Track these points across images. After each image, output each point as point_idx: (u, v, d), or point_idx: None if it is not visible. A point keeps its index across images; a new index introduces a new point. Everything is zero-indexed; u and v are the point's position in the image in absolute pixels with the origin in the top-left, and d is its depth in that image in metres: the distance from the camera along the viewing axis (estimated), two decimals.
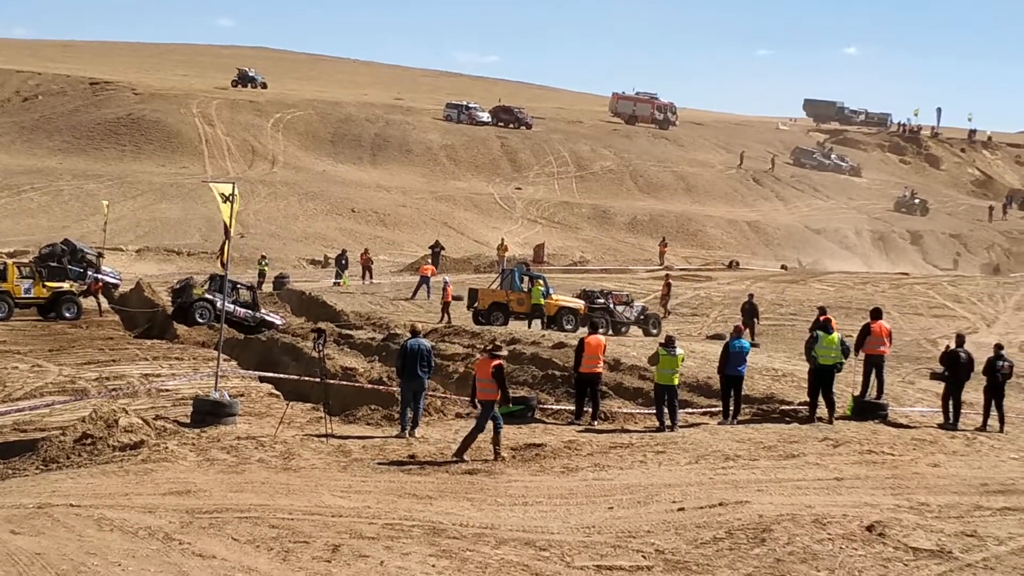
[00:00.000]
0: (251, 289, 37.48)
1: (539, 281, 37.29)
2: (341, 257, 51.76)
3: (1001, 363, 20.13)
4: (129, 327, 35.53)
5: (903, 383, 25.47)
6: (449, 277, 42.88)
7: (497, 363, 16.45)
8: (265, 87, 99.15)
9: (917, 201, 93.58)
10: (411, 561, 11.22)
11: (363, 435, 17.50)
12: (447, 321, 36.84)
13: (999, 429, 19.83)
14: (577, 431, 18.34)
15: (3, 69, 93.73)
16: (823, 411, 19.67)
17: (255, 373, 25.15)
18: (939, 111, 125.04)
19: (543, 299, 36.43)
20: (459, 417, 19.63)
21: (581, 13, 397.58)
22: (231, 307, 33.57)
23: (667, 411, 18.71)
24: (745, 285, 46.63)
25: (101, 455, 15.71)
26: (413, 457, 16.06)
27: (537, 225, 75.47)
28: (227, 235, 18.59)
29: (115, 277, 42.93)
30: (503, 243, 58.96)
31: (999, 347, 21.00)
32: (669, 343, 19.11)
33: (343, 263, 51.10)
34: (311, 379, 21.58)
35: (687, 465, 16.02)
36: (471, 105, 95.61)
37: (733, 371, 19.48)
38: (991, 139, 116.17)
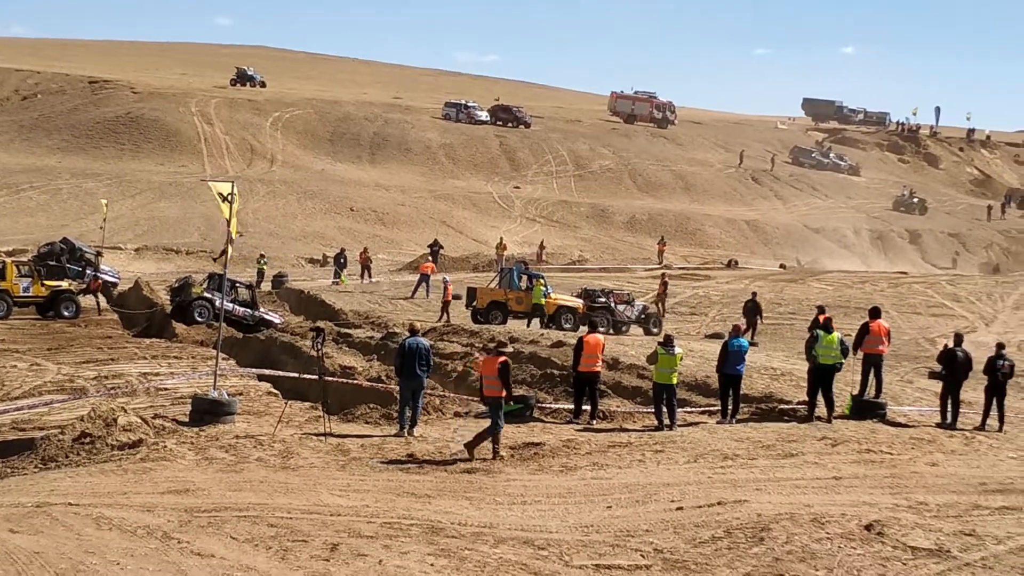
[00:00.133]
0: (250, 288, 37.50)
1: (540, 280, 37.31)
2: (339, 256, 51.79)
3: (1002, 362, 20.10)
4: (128, 326, 35.53)
5: (902, 382, 25.46)
6: (449, 276, 42.88)
7: (503, 360, 16.54)
8: (264, 86, 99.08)
9: (916, 200, 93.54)
10: (410, 560, 11.21)
11: (362, 434, 17.49)
12: (446, 320, 36.84)
13: (998, 428, 19.81)
14: (576, 430, 18.32)
15: (2, 68, 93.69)
16: (822, 410, 19.66)
17: (254, 371, 25.13)
18: (938, 110, 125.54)
19: (544, 299, 36.45)
20: (458, 416, 19.62)
21: (580, 12, 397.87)
22: (230, 306, 33.60)
23: (666, 410, 18.71)
24: (744, 284, 46.65)
25: (100, 454, 15.70)
26: (412, 456, 16.05)
27: (536, 224, 75.42)
28: (229, 237, 18.59)
29: (114, 276, 42.91)
30: (501, 242, 58.97)
31: (1000, 346, 20.96)
32: (668, 342, 19.11)
33: (341, 262, 51.13)
34: (310, 376, 21.55)
35: (686, 464, 16.01)
36: (470, 104, 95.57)
37: (732, 370, 19.48)
38: (990, 138, 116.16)
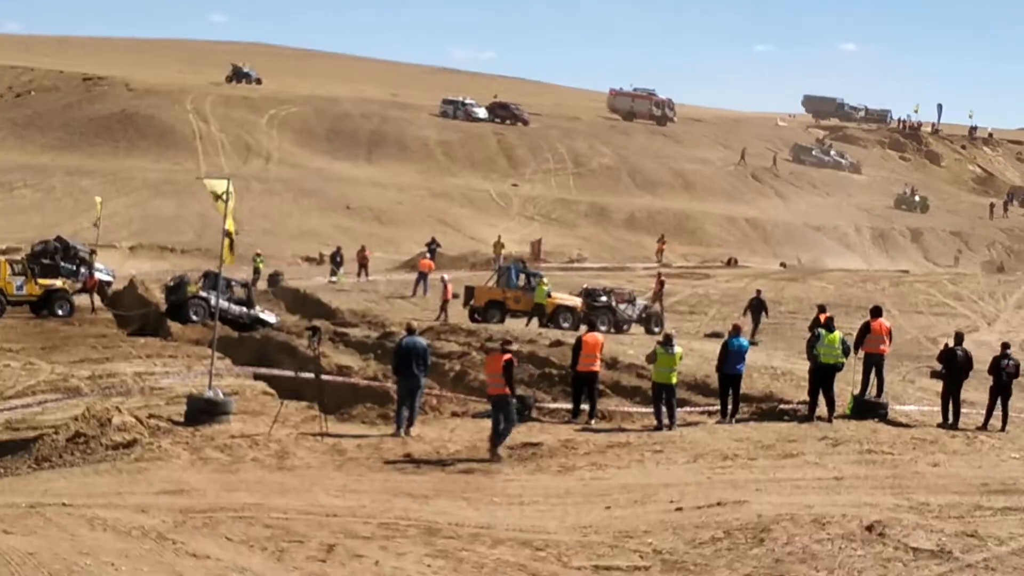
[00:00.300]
0: (246, 286, 37.38)
1: (542, 279, 37.24)
2: (336, 254, 51.70)
3: (1006, 362, 19.98)
4: (122, 325, 35.40)
5: (903, 382, 25.40)
6: (447, 275, 42.75)
7: (508, 358, 16.54)
8: (260, 83, 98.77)
9: (917, 198, 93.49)
10: (406, 561, 11.14)
11: (358, 434, 17.44)
12: (444, 319, 36.71)
13: (1001, 428, 19.72)
14: (574, 430, 18.28)
15: None
16: (823, 410, 19.58)
17: (250, 370, 25.06)
18: (940, 107, 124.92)
19: (547, 298, 36.35)
20: (455, 416, 19.54)
21: (578, 9, 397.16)
22: (225, 305, 33.47)
23: (665, 410, 18.64)
24: (744, 283, 46.61)
25: (94, 454, 15.65)
26: (409, 456, 15.97)
27: (534, 222, 75.33)
28: (228, 236, 18.47)
29: (108, 274, 42.79)
30: (499, 240, 58.85)
31: (1006, 346, 20.91)
32: (667, 341, 19.05)
33: (338, 260, 51.04)
34: (306, 375, 21.46)
35: (685, 464, 15.94)
36: (468, 101, 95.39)
37: (732, 369, 19.43)
38: (992, 136, 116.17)
